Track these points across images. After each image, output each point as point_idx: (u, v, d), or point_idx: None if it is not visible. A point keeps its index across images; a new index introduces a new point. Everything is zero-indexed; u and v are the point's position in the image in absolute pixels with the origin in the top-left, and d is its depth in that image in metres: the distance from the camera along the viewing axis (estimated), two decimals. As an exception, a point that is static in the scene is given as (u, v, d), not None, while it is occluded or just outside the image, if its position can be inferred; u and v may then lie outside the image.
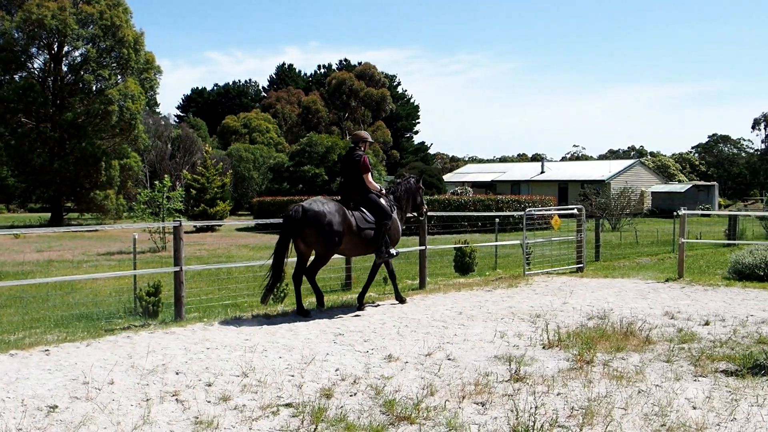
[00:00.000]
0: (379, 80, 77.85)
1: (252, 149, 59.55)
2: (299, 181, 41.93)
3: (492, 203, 36.50)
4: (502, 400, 5.73)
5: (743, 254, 13.88)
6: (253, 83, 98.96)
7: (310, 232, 9.77)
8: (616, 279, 13.91)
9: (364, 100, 75.15)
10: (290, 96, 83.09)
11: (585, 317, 9.52)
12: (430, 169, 52.68)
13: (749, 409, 5.49)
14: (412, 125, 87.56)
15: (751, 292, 11.84)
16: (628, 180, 51.96)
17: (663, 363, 6.95)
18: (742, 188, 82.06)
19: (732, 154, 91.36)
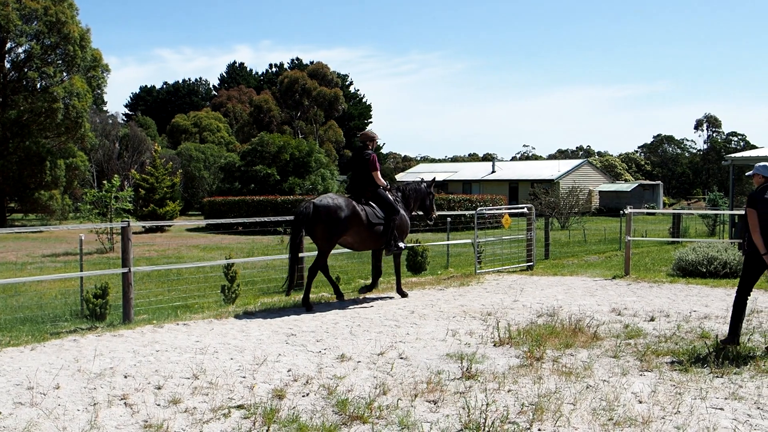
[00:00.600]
0: (332, 80, 77.60)
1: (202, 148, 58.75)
2: (251, 180, 41.53)
3: (444, 203, 36.73)
4: (453, 397, 5.78)
5: (686, 252, 14.25)
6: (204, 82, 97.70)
7: (320, 226, 10.28)
8: (565, 277, 14.15)
9: (317, 99, 74.83)
10: (242, 95, 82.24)
11: (535, 315, 9.66)
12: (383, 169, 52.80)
13: (692, 402, 5.65)
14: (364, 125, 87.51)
15: (694, 288, 12.18)
16: (577, 179, 52.87)
17: (610, 358, 7.10)
18: (686, 187, 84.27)
19: (676, 154, 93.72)
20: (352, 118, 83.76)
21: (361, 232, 10.65)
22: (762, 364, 6.75)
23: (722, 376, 6.41)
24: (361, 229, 10.60)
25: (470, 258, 17.29)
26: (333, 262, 18.19)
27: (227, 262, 11.23)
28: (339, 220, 10.28)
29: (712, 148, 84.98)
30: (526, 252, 15.92)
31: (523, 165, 68.98)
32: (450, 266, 16.62)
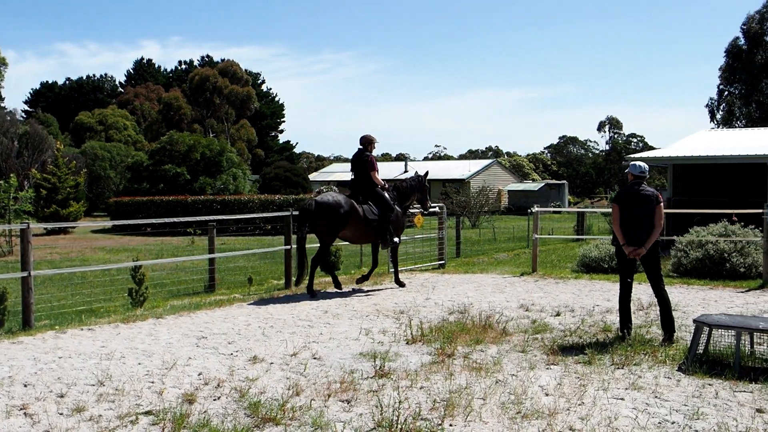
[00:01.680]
0: (243, 78, 76.46)
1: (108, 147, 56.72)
2: (160, 180, 40.41)
3: (357, 202, 36.79)
4: (367, 396, 5.81)
5: (590, 248, 14.81)
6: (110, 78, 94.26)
7: (322, 221, 11.30)
8: (476, 274, 14.45)
9: (228, 97, 73.56)
10: (150, 92, 79.87)
11: (446, 312, 9.82)
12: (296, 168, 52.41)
13: (595, 393, 5.88)
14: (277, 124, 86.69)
15: (597, 284, 12.68)
16: (487, 179, 54.06)
17: (519, 353, 7.30)
18: (590, 186, 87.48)
19: (580, 155, 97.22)
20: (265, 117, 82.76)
21: (359, 228, 11.62)
22: (659, 355, 7.09)
23: (623, 367, 6.70)
24: (359, 224, 11.57)
25: (384, 257, 17.40)
26: (249, 263, 17.97)
27: (135, 264, 10.91)
28: (339, 216, 11.32)
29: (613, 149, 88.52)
30: (438, 251, 16.16)
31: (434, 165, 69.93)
32: (363, 265, 16.68)
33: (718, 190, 21.48)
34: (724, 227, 13.57)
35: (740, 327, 6.63)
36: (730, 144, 21.87)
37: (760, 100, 52.48)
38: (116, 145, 58.46)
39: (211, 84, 72.82)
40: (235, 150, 50.87)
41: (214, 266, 12.97)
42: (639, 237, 7.79)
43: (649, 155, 21.57)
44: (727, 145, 21.50)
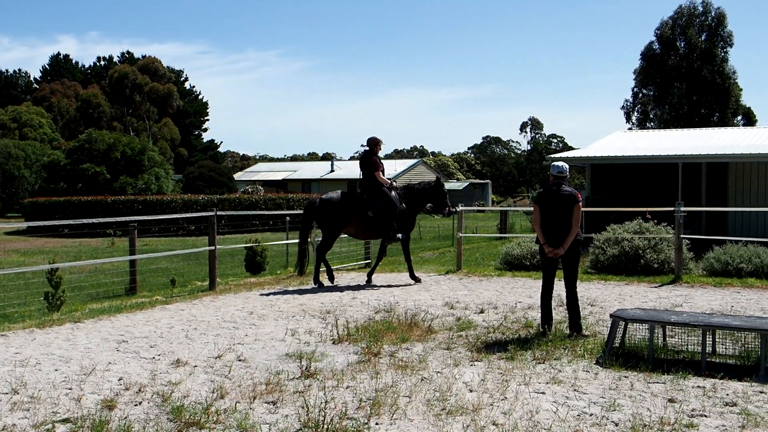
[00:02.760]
0: (165, 75, 74.72)
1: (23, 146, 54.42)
2: (78, 180, 39.06)
3: (283, 202, 36.56)
4: (293, 397, 5.79)
5: (512, 246, 15.14)
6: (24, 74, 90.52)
7: (325, 217, 12.34)
8: (402, 273, 14.53)
9: (150, 95, 71.74)
10: (67, 89, 77.05)
11: (373, 311, 9.87)
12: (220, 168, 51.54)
13: (518, 387, 6.02)
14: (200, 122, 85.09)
15: (520, 281, 12.98)
16: (412, 178, 54.46)
17: (444, 350, 7.40)
18: (512, 185, 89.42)
19: (503, 155, 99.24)
20: (188, 116, 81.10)
21: (362, 224, 12.45)
22: (578, 350, 7.32)
23: (544, 362, 6.88)
24: (362, 221, 12.39)
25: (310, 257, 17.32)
26: (171, 265, 17.57)
27: (51, 266, 10.52)
28: (341, 213, 12.28)
29: (534, 149, 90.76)
30: (364, 250, 16.21)
31: (361, 164, 70.00)
32: (290, 265, 16.57)
33: (633, 189, 22.28)
34: (639, 225, 14.11)
35: (654, 321, 6.91)
36: (644, 145, 22.73)
37: (672, 102, 54.71)
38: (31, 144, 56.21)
39: (131, 81, 70.86)
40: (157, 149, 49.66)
41: (136, 268, 12.65)
42: (558, 237, 8.01)
43: (568, 155, 22.19)
44: (641, 146, 22.34)
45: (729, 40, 54.33)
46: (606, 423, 5.12)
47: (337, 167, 65.23)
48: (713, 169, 20.89)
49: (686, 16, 55.07)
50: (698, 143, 21.82)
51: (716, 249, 13.59)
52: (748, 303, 10.27)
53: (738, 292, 11.37)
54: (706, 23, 54.73)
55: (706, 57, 53.49)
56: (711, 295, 11.09)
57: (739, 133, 25.91)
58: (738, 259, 13.03)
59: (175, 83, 77.02)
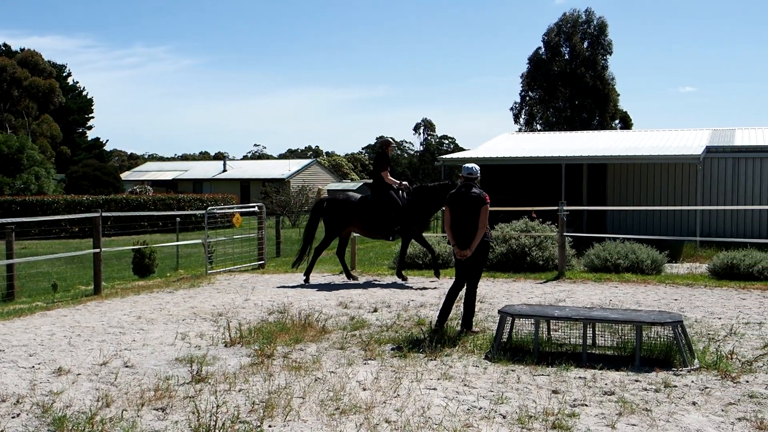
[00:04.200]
0: (46, 69, 70.98)
1: None
2: (-55, 180, 36.64)
3: (173, 202, 35.61)
4: (183, 402, 5.65)
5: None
6: None
7: (330, 216, 13.11)
8: (296, 274, 14.46)
9: (29, 90, 67.87)
10: (-67, 82, 71.87)
11: (266, 312, 9.77)
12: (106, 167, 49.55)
13: (410, 384, 6.12)
14: (85, 120, 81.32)
15: (412, 279, 13.18)
16: (307, 178, 54.36)
17: (337, 350, 7.43)
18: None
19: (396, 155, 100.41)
20: (71, 112, 77.36)
21: (368, 223, 12.94)
22: (468, 346, 7.52)
23: (435, 358, 7.03)
24: (368, 220, 12.90)
25: (201, 258, 16.97)
26: (53, 269, 16.75)
27: None
28: (345, 213, 12.95)
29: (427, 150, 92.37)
30: (258, 250, 16.02)
31: (254, 164, 69.15)
32: (180, 267, 16.18)
33: (520, 189, 23.07)
34: (525, 224, 14.64)
35: (538, 316, 7.20)
36: (531, 146, 23.60)
37: (557, 105, 57.10)
38: None
39: (9, 75, 66.88)
40: (38, 147, 47.18)
41: (14, 272, 11.98)
42: (467, 238, 8.12)
43: (459, 156, 22.74)
44: (527, 147, 23.19)
45: (609, 48, 57.24)
46: (494, 416, 5.29)
47: (229, 167, 64.06)
48: (593, 170, 21.96)
49: (571, 24, 57.62)
50: (580, 145, 22.86)
51: (596, 246, 14.28)
52: (625, 297, 10.86)
53: (616, 286, 11.99)
54: (588, 31, 57.43)
55: (589, 63, 56.13)
56: (592, 290, 11.65)
57: (617, 136, 27.36)
58: (616, 255, 13.74)
59: (57, 78, 73.26)
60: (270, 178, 55.91)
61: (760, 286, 11.72)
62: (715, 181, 20.75)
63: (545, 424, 5.08)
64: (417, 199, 12.82)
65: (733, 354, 7.00)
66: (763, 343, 7.56)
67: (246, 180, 59.24)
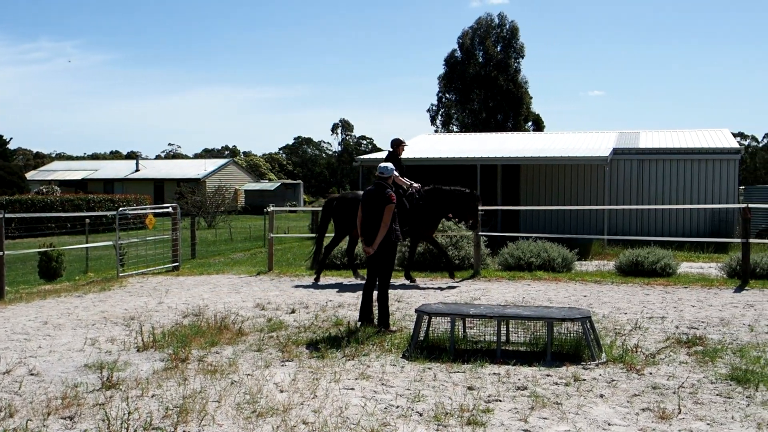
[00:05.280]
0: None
1: None
2: None
3: (83, 203, 34.37)
4: (93, 410, 5.47)
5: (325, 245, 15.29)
6: None
7: (339, 216, 13.17)
8: (212, 275, 14.24)
9: None
10: None
11: (181, 315, 9.57)
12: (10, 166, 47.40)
13: (328, 385, 6.12)
14: (-15, 116, 77.58)
15: (330, 279, 13.17)
16: (223, 178, 53.51)
17: (254, 352, 7.34)
18: (324, 186, 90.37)
19: (314, 155, 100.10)
20: (-30, 108, 73.61)
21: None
22: (385, 345, 7.57)
23: (353, 358, 7.04)
24: None
25: (112, 261, 16.45)
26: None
27: None
28: (353, 213, 12.39)
29: (345, 150, 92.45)
30: (172, 252, 15.66)
31: (168, 164, 67.56)
32: (90, 270, 15.65)
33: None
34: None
35: (454, 314, 7.32)
36: (447, 147, 23.97)
37: (473, 107, 58.09)
38: None
39: None
40: None
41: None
42: (372, 235, 8.26)
43: (377, 156, 22.86)
44: (444, 148, 23.54)
45: (521, 51, 58.65)
46: (411, 414, 5.35)
47: (142, 166, 62.34)
48: (507, 171, 22.50)
49: (484, 27, 58.75)
50: (495, 146, 23.39)
51: (510, 245, 14.62)
52: (537, 294, 11.17)
53: (529, 284, 12.32)
54: (501, 35, 58.69)
55: (502, 66, 57.38)
56: (506, 288, 11.93)
57: (529, 137, 28.13)
58: (529, 254, 14.12)
59: (-46, 72, 69.54)
60: (185, 178, 54.74)
61: (663, 282, 12.28)
62: (621, 181, 21.62)
63: (461, 420, 5.17)
64: (428, 201, 12.75)
65: (637, 347, 7.30)
66: (665, 337, 7.93)
67: (160, 180, 57.79)
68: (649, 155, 21.65)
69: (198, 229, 22.50)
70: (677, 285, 12.05)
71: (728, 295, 10.95)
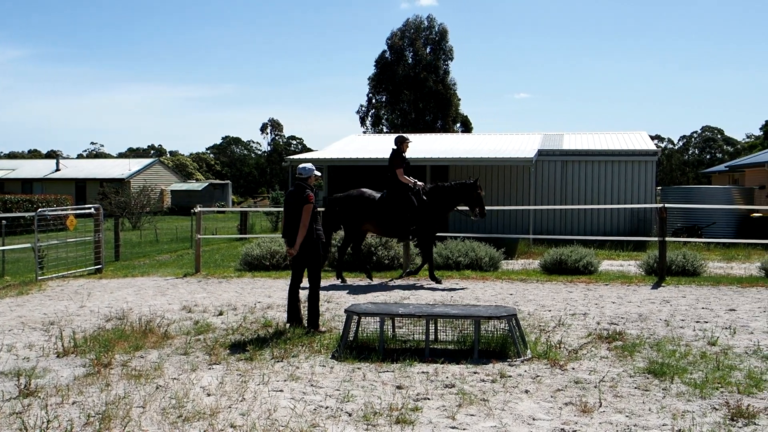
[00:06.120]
0: None
1: None
2: None
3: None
4: (9, 420, 5.26)
5: (252, 247, 15.16)
6: None
7: (345, 213, 12.72)
8: (137, 278, 13.90)
9: None
10: None
11: (103, 319, 9.31)
12: None
13: (256, 387, 6.06)
14: None
15: (260, 281, 13.05)
16: (149, 178, 52.23)
17: (181, 356, 7.21)
18: (253, 186, 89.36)
19: (243, 155, 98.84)
20: None
21: (382, 221, 12.55)
22: (315, 345, 7.55)
23: (282, 360, 7.00)
24: (382, 218, 12.52)
25: (31, 264, 15.86)
26: None
27: None
28: (364, 208, 12.57)
29: (275, 150, 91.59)
30: (95, 254, 15.20)
31: (91, 163, 65.45)
32: (6, 274, 15.03)
33: (368, 190, 23.43)
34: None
35: (384, 314, 7.36)
36: (377, 147, 24.04)
37: (402, 108, 58.46)
38: None
39: None
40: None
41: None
42: (293, 237, 8.26)
43: (306, 157, 22.75)
44: (373, 149, 23.61)
45: (450, 53, 59.37)
46: (341, 414, 5.35)
47: (63, 166, 60.21)
48: (436, 172, 22.73)
49: (414, 29, 59.21)
50: (424, 147, 23.60)
51: (439, 245, 14.78)
52: (465, 293, 11.34)
53: (457, 283, 12.50)
54: (431, 37, 59.28)
55: (431, 68, 57.95)
56: (435, 287, 12.06)
57: (458, 139, 28.51)
58: (457, 253, 14.32)
59: None
60: (109, 178, 53.17)
61: (585, 280, 12.66)
62: (546, 182, 22.15)
63: (389, 419, 5.21)
64: (433, 199, 12.65)
65: (561, 344, 7.51)
66: (587, 333, 8.18)
67: (82, 180, 55.94)
68: (572, 157, 22.26)
69: (122, 231, 21.87)
70: (599, 282, 12.44)
71: (646, 292, 11.37)
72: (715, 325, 8.68)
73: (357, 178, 23.85)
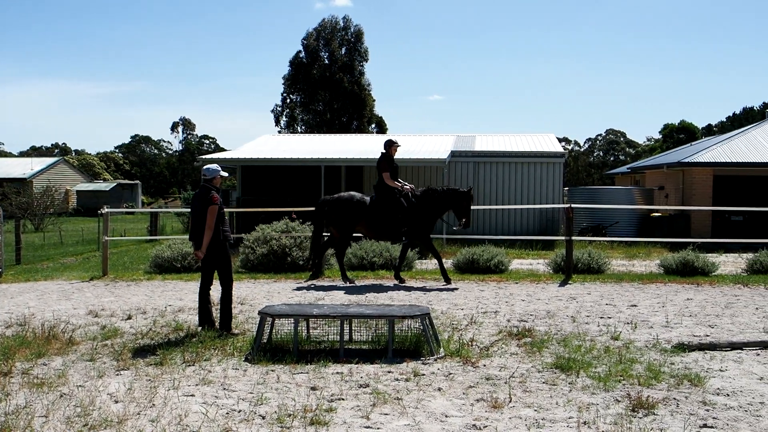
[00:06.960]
0: None
1: None
2: None
3: None
4: None
5: (163, 249, 14.80)
6: None
7: (335, 216, 12.64)
8: (39, 282, 13.34)
9: None
10: None
11: (3, 326, 8.89)
12: None
13: (167, 393, 5.92)
14: None
15: (170, 284, 12.74)
16: (53, 178, 50.09)
17: (87, 362, 6.97)
18: (164, 186, 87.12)
19: (153, 155, 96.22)
20: None
21: (372, 224, 12.56)
22: (228, 348, 7.44)
23: (194, 364, 6.86)
24: (372, 221, 12.52)
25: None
26: None
27: None
28: (350, 212, 12.52)
29: (186, 150, 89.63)
30: (-7, 258, 14.49)
31: (-11, 162, 62.35)
32: None
33: (281, 190, 23.27)
34: (286, 224, 14.80)
35: (298, 315, 7.32)
36: (291, 148, 23.92)
37: (317, 109, 58.26)
38: None
39: None
40: None
41: None
42: (199, 239, 8.15)
43: (219, 156, 22.39)
44: (288, 149, 23.46)
45: (365, 55, 59.58)
46: (254, 417, 5.30)
47: (-41, 165, 57.08)
48: (351, 172, 22.79)
49: (329, 30, 59.10)
50: (339, 147, 23.63)
51: (354, 245, 14.83)
52: (380, 293, 11.42)
53: (372, 283, 12.57)
54: (346, 38, 59.32)
55: (347, 69, 58.00)
56: (349, 287, 12.09)
57: (373, 139, 28.62)
58: (371, 253, 14.40)
59: None
60: (9, 177, 50.70)
61: (497, 278, 12.97)
62: (458, 183, 22.54)
63: (304, 421, 5.19)
64: (424, 203, 12.51)
65: (473, 341, 7.67)
66: (498, 330, 8.38)
67: (-18, 179, 53.18)
68: (483, 158, 22.75)
69: (24, 233, 20.95)
70: (509, 281, 12.77)
71: (554, 289, 11.75)
72: (618, 320, 9.06)
73: (271, 178, 23.65)
